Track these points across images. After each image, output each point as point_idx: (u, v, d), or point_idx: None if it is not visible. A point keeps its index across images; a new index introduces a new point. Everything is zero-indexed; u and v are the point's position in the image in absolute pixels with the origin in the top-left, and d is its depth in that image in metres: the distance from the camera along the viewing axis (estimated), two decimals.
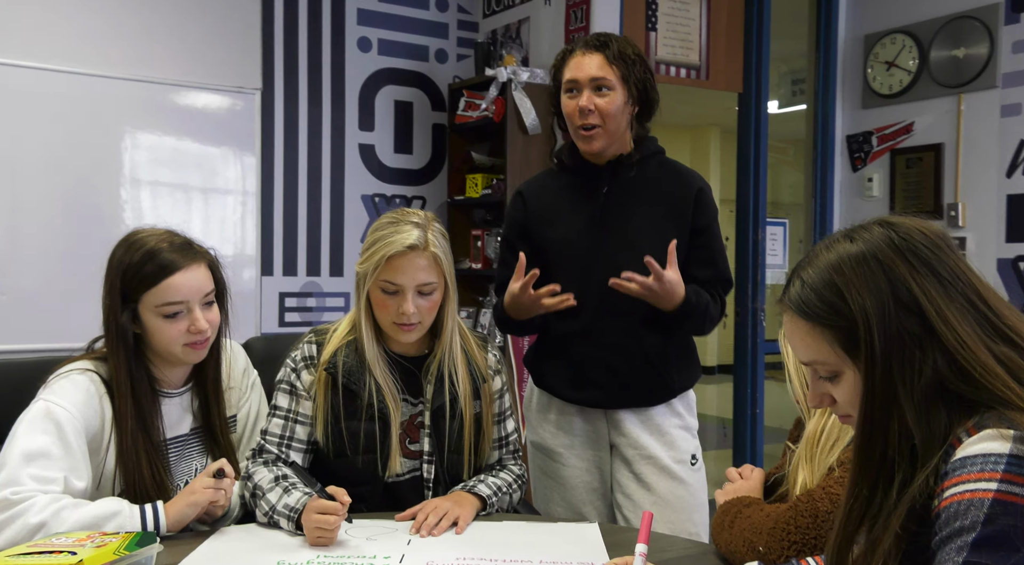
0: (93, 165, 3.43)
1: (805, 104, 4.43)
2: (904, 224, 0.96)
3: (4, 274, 3.24)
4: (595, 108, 1.91)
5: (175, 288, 1.56)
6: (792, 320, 0.99)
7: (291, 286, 3.91)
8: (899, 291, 0.91)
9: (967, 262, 0.96)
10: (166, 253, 1.58)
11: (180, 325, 1.58)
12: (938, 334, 0.89)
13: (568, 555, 1.44)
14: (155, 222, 3.16)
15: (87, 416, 1.51)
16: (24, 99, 3.29)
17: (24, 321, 3.16)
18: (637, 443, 1.99)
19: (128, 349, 1.56)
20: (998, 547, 0.80)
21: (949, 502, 0.84)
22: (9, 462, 1.40)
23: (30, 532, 1.33)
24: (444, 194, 4.23)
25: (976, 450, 0.85)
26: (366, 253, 1.66)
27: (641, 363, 1.96)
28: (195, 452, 1.68)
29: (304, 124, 3.93)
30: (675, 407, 2.03)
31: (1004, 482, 0.81)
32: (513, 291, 1.89)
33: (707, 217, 1.99)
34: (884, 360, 0.90)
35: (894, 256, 0.93)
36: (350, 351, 1.70)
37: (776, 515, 1.32)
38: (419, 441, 1.72)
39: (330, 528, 1.45)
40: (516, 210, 2.09)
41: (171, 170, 3.59)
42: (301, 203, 3.94)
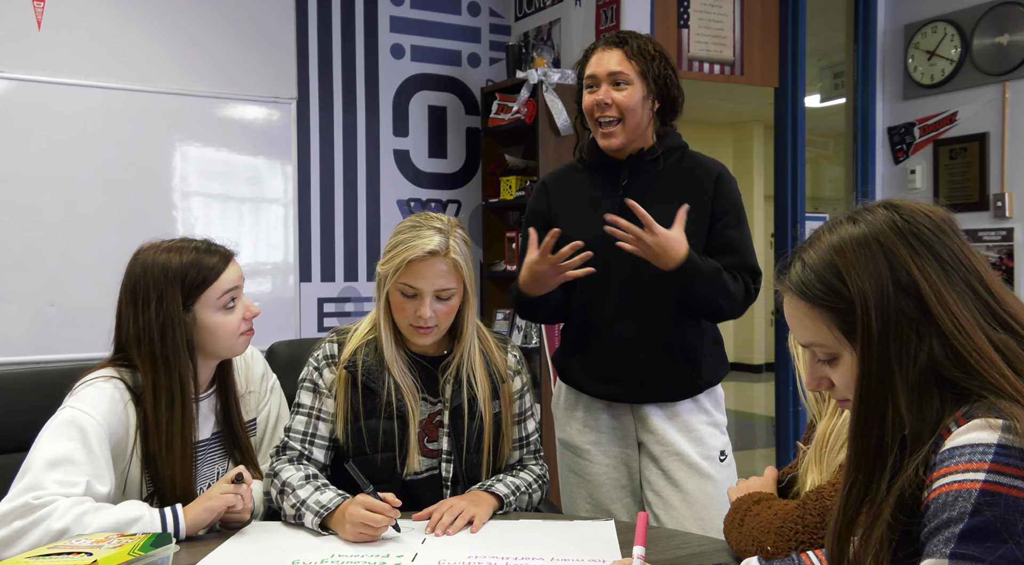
0: (142, 178, 3.52)
1: (845, 97, 4.35)
2: (908, 207, 0.94)
3: (57, 286, 3.35)
4: (613, 102, 1.92)
5: (229, 279, 1.65)
6: (792, 301, 0.98)
7: (329, 292, 3.96)
8: (899, 274, 0.89)
9: (972, 248, 0.94)
10: (206, 255, 1.65)
11: (237, 314, 1.66)
12: (936, 318, 0.88)
13: (580, 553, 1.43)
14: (198, 232, 3.25)
15: (111, 423, 1.54)
16: (75, 116, 3.40)
17: (75, 332, 3.28)
18: (664, 440, 1.97)
19: (192, 353, 1.61)
20: (985, 538, 0.78)
21: (937, 493, 0.82)
22: (33, 467, 1.44)
23: (53, 537, 1.36)
24: (479, 197, 4.25)
25: (964, 440, 0.83)
26: (387, 255, 1.68)
27: (664, 357, 1.94)
28: (216, 456, 1.71)
29: (339, 131, 3.99)
30: (702, 404, 2.01)
31: (992, 472, 0.80)
32: (531, 260, 1.86)
33: (726, 203, 1.96)
34: (881, 343, 0.89)
35: (896, 239, 0.91)
36: (370, 350, 1.72)
37: (784, 514, 1.30)
38: (437, 440, 1.73)
39: (377, 526, 1.47)
40: (539, 203, 2.10)
41: (211, 181, 3.68)
42: (338, 210, 3.99)
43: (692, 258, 1.83)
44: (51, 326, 3.34)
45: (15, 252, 3.32)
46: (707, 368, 1.99)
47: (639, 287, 1.93)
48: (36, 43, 3.34)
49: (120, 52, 3.49)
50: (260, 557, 1.43)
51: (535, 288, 1.92)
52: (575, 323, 2.05)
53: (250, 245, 3.75)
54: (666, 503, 1.97)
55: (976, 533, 0.78)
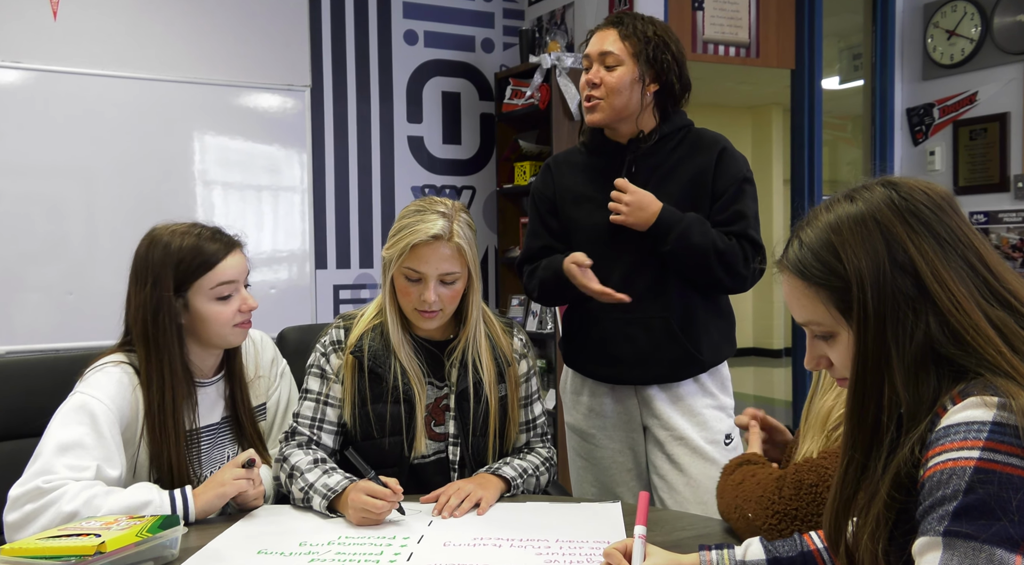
0: (159, 167, 3.56)
1: (863, 79, 4.30)
2: (907, 184, 0.94)
3: (78, 275, 3.40)
4: (600, 81, 1.93)
5: (227, 270, 1.65)
6: (790, 280, 0.98)
7: (345, 279, 3.98)
8: (895, 252, 0.89)
9: (971, 226, 0.93)
10: (209, 242, 1.65)
11: (232, 306, 1.65)
12: (932, 295, 0.87)
13: (585, 534, 1.44)
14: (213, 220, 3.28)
15: (121, 407, 1.56)
16: (92, 106, 3.43)
17: (94, 319, 3.31)
18: (669, 424, 1.97)
19: (180, 339, 1.62)
20: (979, 516, 0.78)
21: (932, 471, 0.82)
22: (44, 452, 1.46)
23: (63, 520, 1.38)
24: (493, 183, 4.25)
25: (959, 418, 0.82)
26: (392, 239, 1.68)
27: (664, 336, 1.94)
28: (227, 440, 1.73)
29: (353, 118, 3.99)
30: (707, 386, 2.00)
31: (986, 450, 0.79)
32: (576, 273, 1.89)
33: (727, 177, 1.95)
34: (877, 321, 0.88)
35: (893, 217, 0.91)
36: (376, 335, 1.73)
37: (765, 484, 1.32)
38: (444, 424, 1.73)
39: (377, 512, 1.48)
40: (545, 185, 2.10)
41: (226, 169, 3.70)
42: (352, 197, 4.00)
43: (668, 208, 1.87)
44: (71, 314, 3.38)
45: (37, 242, 3.37)
46: (707, 346, 1.98)
47: (642, 269, 1.93)
48: (52, 33, 3.37)
49: (135, 41, 3.51)
50: (268, 539, 1.45)
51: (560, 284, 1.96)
52: (578, 307, 2.05)
53: (265, 232, 3.77)
54: (671, 487, 1.97)
55: (970, 511, 0.78)
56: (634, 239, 1.92)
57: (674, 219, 1.87)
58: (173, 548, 1.34)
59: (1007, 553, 0.76)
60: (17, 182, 3.33)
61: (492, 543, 1.41)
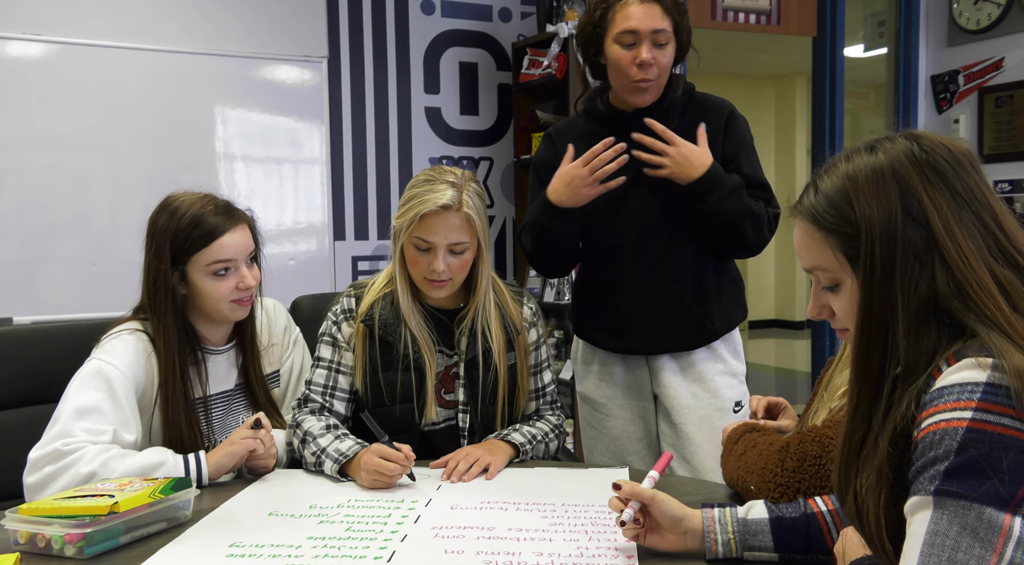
0: (181, 140, 3.58)
1: (888, 46, 4.22)
2: (929, 138, 0.93)
3: (102, 247, 3.45)
4: (655, 61, 1.86)
5: (224, 248, 1.64)
6: (801, 225, 0.98)
7: (363, 250, 4.00)
8: (909, 203, 0.89)
9: (989, 184, 0.92)
10: (212, 216, 1.65)
11: (229, 283, 1.65)
12: (941, 247, 0.87)
13: (592, 498, 1.45)
14: (231, 193, 3.32)
15: (136, 373, 1.60)
16: (114, 79, 3.45)
17: (117, 290, 3.35)
18: (677, 393, 1.97)
19: (176, 309, 1.64)
20: (969, 475, 0.78)
21: (925, 432, 0.82)
22: (62, 417, 1.50)
23: (81, 481, 1.42)
24: (511, 154, 4.24)
25: (953, 380, 0.82)
26: (402, 208, 1.69)
27: (678, 307, 1.93)
28: (240, 407, 1.76)
29: (371, 90, 3.99)
30: (718, 351, 2.00)
31: (979, 411, 0.79)
32: (570, 166, 1.83)
33: (736, 142, 1.94)
34: (884, 270, 0.89)
35: (911, 169, 0.90)
36: (386, 303, 1.74)
37: (767, 455, 1.31)
38: (454, 391, 1.75)
39: (390, 474, 1.51)
40: (548, 153, 2.04)
41: (246, 142, 3.72)
42: (370, 168, 4.01)
43: (717, 167, 1.83)
44: (94, 285, 3.44)
45: (64, 216, 3.42)
46: (719, 314, 1.97)
47: (652, 237, 1.92)
48: (73, 6, 3.39)
49: (154, 13, 3.52)
50: (280, 502, 1.47)
51: (570, 199, 1.86)
52: (588, 277, 2.05)
53: (284, 204, 3.79)
54: (680, 456, 1.98)
55: (960, 470, 0.78)
56: (643, 208, 1.90)
57: (720, 180, 1.83)
58: (186, 510, 1.37)
59: (996, 512, 0.77)
60: (43, 155, 3.38)
61: (499, 506, 1.43)
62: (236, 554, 1.23)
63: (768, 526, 1.13)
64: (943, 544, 0.78)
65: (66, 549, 1.22)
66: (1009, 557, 0.77)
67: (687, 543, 1.15)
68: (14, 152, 3.33)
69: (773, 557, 1.13)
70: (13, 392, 1.80)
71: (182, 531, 1.32)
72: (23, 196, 3.35)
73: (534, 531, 1.31)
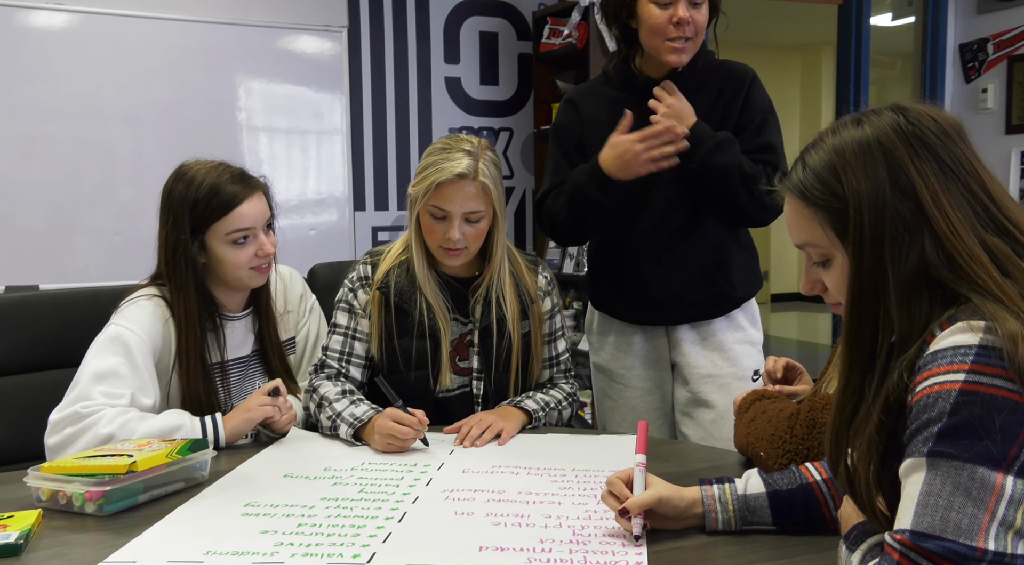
0: (202, 110, 3.61)
1: (915, 15, 4.15)
2: (916, 110, 0.93)
3: (126, 217, 3.49)
4: (691, 20, 1.83)
5: (243, 216, 1.66)
6: (790, 202, 0.98)
7: (383, 220, 4.02)
8: (897, 176, 0.89)
9: (977, 154, 0.92)
10: (229, 184, 1.66)
11: (248, 250, 1.67)
12: (929, 219, 0.87)
13: (601, 463, 1.46)
14: (254, 163, 3.33)
15: (154, 338, 1.62)
16: (137, 49, 3.48)
17: (141, 260, 3.40)
18: (697, 362, 1.97)
19: (197, 279, 1.66)
20: (962, 436, 0.79)
21: (919, 396, 0.83)
22: (82, 381, 1.53)
23: (100, 442, 1.45)
24: (531, 124, 4.22)
25: (947, 344, 0.83)
26: (418, 176, 1.70)
27: (700, 277, 1.93)
28: (256, 372, 1.79)
29: (390, 60, 3.98)
30: (737, 320, 2.00)
31: (971, 372, 0.80)
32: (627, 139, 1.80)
33: (752, 109, 1.92)
34: (873, 243, 0.89)
35: (897, 141, 0.90)
36: (402, 271, 1.75)
37: (777, 422, 1.31)
38: (468, 359, 1.76)
39: (403, 438, 1.53)
40: (571, 120, 2.02)
41: (267, 112, 3.73)
42: (390, 139, 4.01)
43: (701, 124, 1.84)
44: (118, 254, 3.48)
45: (88, 186, 3.46)
46: (740, 282, 1.97)
47: (674, 207, 1.91)
48: None
49: None
50: (295, 464, 1.50)
51: (619, 171, 1.83)
52: (607, 248, 2.03)
53: (306, 174, 3.81)
54: (696, 423, 1.98)
55: (953, 432, 0.79)
56: (666, 178, 1.89)
57: (706, 135, 1.84)
58: (203, 470, 1.40)
59: (989, 471, 0.78)
60: (68, 126, 3.41)
61: (510, 470, 1.45)
62: (251, 513, 1.25)
63: (766, 501, 1.13)
64: (936, 504, 0.79)
65: (86, 506, 1.25)
66: (1002, 515, 0.77)
67: (689, 523, 1.16)
68: (40, 122, 3.37)
69: (771, 529, 1.14)
70: (37, 356, 1.84)
71: (199, 491, 1.35)
72: (49, 167, 3.39)
73: (543, 494, 1.32)
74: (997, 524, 0.77)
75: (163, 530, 1.19)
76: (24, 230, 3.38)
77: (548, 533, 1.16)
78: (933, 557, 0.78)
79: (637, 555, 1.09)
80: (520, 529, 1.18)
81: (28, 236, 3.38)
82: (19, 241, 3.37)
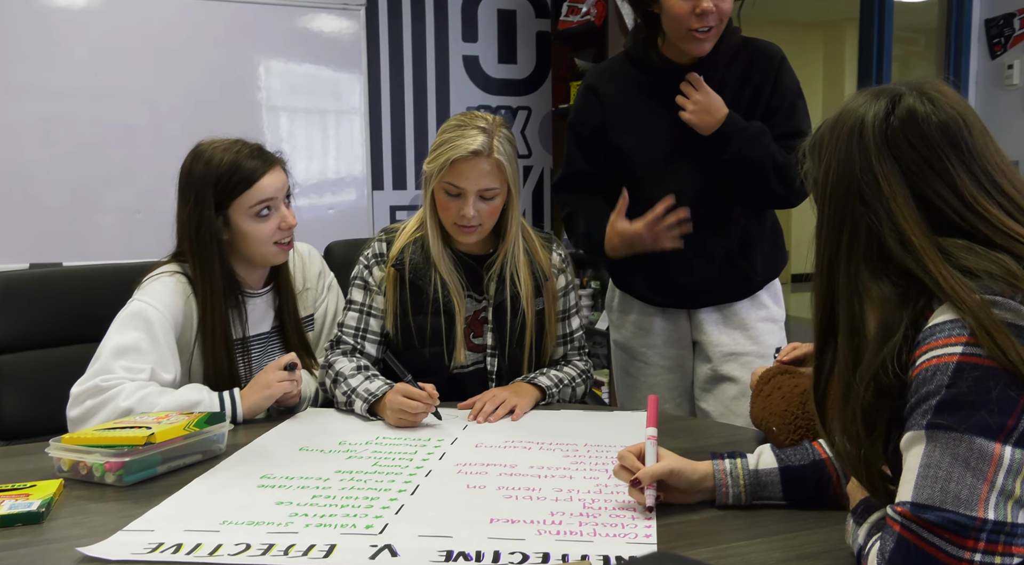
0: (222, 90, 3.62)
1: None
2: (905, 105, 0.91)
3: (147, 195, 3.52)
4: (716, 8, 1.78)
5: (264, 188, 1.68)
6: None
7: (401, 199, 4.03)
8: (864, 170, 0.90)
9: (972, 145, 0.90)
10: (249, 159, 1.69)
11: (271, 223, 1.70)
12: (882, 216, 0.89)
13: (614, 439, 1.47)
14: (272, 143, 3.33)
15: (175, 314, 1.64)
16: (159, 28, 3.49)
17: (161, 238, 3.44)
18: (719, 341, 1.97)
19: (221, 255, 1.68)
20: (959, 407, 0.79)
21: (919, 370, 0.83)
22: (103, 355, 1.55)
23: (120, 415, 1.48)
24: (549, 103, 4.21)
25: (945, 317, 0.84)
26: (433, 153, 1.70)
27: (725, 265, 1.92)
28: (276, 349, 1.81)
29: (408, 38, 3.98)
30: (760, 299, 1.99)
31: (969, 345, 0.80)
32: (631, 230, 1.81)
33: (783, 92, 1.89)
34: (831, 225, 0.92)
35: (879, 133, 0.90)
36: (417, 248, 1.76)
37: (790, 398, 1.32)
38: (483, 335, 1.77)
39: (413, 412, 1.54)
40: (591, 109, 1.99)
41: (287, 92, 3.74)
42: (408, 118, 4.02)
43: (733, 117, 1.82)
44: (140, 232, 3.52)
45: (111, 166, 3.50)
46: (763, 264, 1.96)
47: (700, 194, 1.89)
48: None
49: None
50: (311, 438, 1.52)
51: (625, 253, 1.88)
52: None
53: (323, 155, 3.82)
54: (716, 398, 1.98)
55: (951, 404, 0.80)
56: (694, 166, 1.87)
57: (738, 128, 1.82)
58: (220, 443, 1.42)
59: (987, 441, 0.78)
60: (91, 107, 3.44)
61: (522, 445, 1.46)
62: (267, 485, 1.27)
63: (778, 476, 1.14)
64: (936, 475, 0.79)
65: (106, 477, 1.27)
66: (1001, 485, 0.78)
67: (700, 497, 1.17)
68: (62, 103, 3.40)
69: (782, 503, 1.14)
70: (59, 331, 1.87)
71: (216, 463, 1.38)
72: (71, 147, 3.43)
73: (555, 469, 1.33)
74: (996, 494, 0.77)
75: (181, 500, 1.22)
76: (48, 209, 3.42)
77: (559, 506, 1.17)
78: (933, 528, 0.78)
79: (647, 528, 1.10)
80: (531, 502, 1.19)
81: (51, 215, 3.42)
82: (43, 220, 3.41)
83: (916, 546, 0.79)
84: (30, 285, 1.90)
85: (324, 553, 1.02)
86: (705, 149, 1.87)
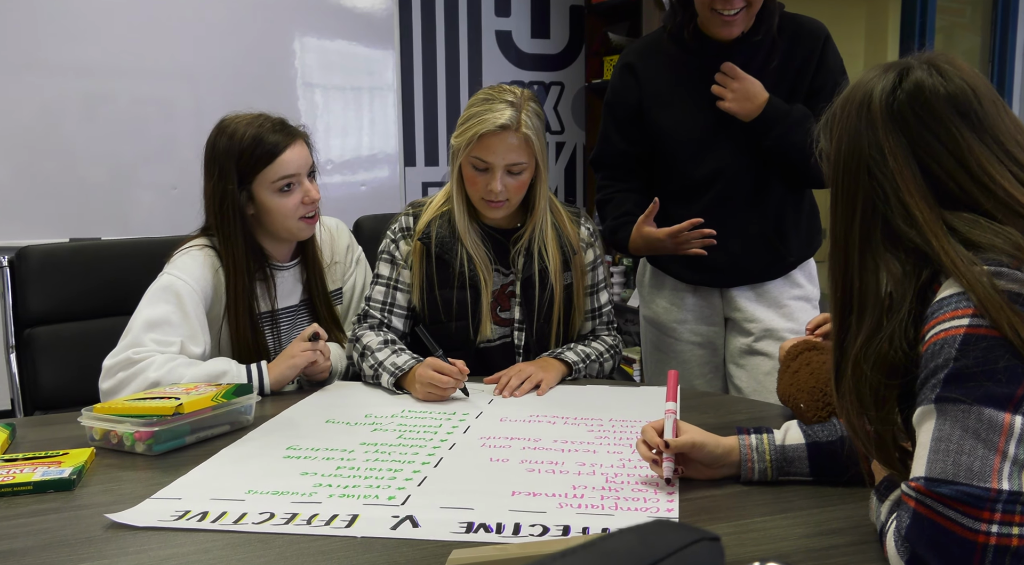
0: (259, 67, 3.64)
1: None
2: (914, 78, 0.90)
3: (186, 172, 3.55)
4: None
5: (287, 163, 1.69)
6: None
7: (433, 176, 4.03)
8: (872, 145, 0.90)
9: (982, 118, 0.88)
10: (271, 134, 1.69)
11: (295, 198, 1.70)
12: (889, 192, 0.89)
13: (638, 414, 1.46)
14: (308, 120, 3.35)
15: (204, 288, 1.66)
16: (197, 5, 3.51)
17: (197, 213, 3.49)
18: (752, 317, 1.95)
19: (246, 229, 1.70)
20: (967, 379, 0.79)
21: (928, 344, 0.83)
22: (134, 328, 1.58)
23: (149, 387, 1.50)
24: (582, 78, 4.16)
25: (952, 290, 0.83)
26: (460, 128, 1.69)
27: (761, 245, 1.90)
28: (305, 321, 1.82)
29: (441, 13, 3.95)
30: (794, 277, 1.97)
31: (975, 317, 0.80)
32: (655, 237, 1.80)
33: (826, 72, 1.85)
34: (844, 199, 0.92)
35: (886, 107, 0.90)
36: (443, 222, 1.76)
37: (818, 374, 1.30)
38: (510, 309, 1.77)
39: (443, 387, 1.55)
40: (627, 88, 1.97)
41: (322, 69, 3.74)
42: (440, 94, 4.00)
43: (774, 102, 1.79)
44: (177, 208, 3.56)
45: (149, 142, 3.53)
46: (797, 245, 1.94)
47: (737, 173, 1.87)
48: None
49: None
50: (338, 410, 1.53)
51: (644, 252, 1.92)
52: (667, 213, 1.93)
53: (357, 131, 3.83)
54: (749, 373, 1.96)
55: (959, 376, 0.79)
56: (731, 148, 1.85)
57: (780, 114, 1.80)
58: (248, 414, 1.44)
59: (995, 411, 0.78)
60: (131, 85, 3.48)
61: (547, 420, 1.46)
62: (292, 455, 1.29)
63: (805, 452, 1.12)
64: (947, 448, 0.79)
65: (136, 446, 1.30)
66: (1013, 454, 0.77)
67: (724, 471, 1.16)
68: (102, 81, 3.44)
69: (808, 480, 1.13)
70: (94, 304, 1.90)
71: (244, 434, 1.39)
72: (111, 124, 3.47)
73: (578, 443, 1.33)
74: (1009, 464, 0.77)
75: (208, 469, 1.23)
76: (88, 185, 3.47)
77: (581, 480, 1.17)
78: (948, 502, 0.77)
79: (669, 502, 1.09)
80: (553, 475, 1.19)
81: (91, 191, 3.47)
82: (83, 196, 3.47)
83: (932, 521, 0.78)
84: (66, 258, 1.93)
85: (347, 523, 1.03)
86: (743, 129, 1.84)
